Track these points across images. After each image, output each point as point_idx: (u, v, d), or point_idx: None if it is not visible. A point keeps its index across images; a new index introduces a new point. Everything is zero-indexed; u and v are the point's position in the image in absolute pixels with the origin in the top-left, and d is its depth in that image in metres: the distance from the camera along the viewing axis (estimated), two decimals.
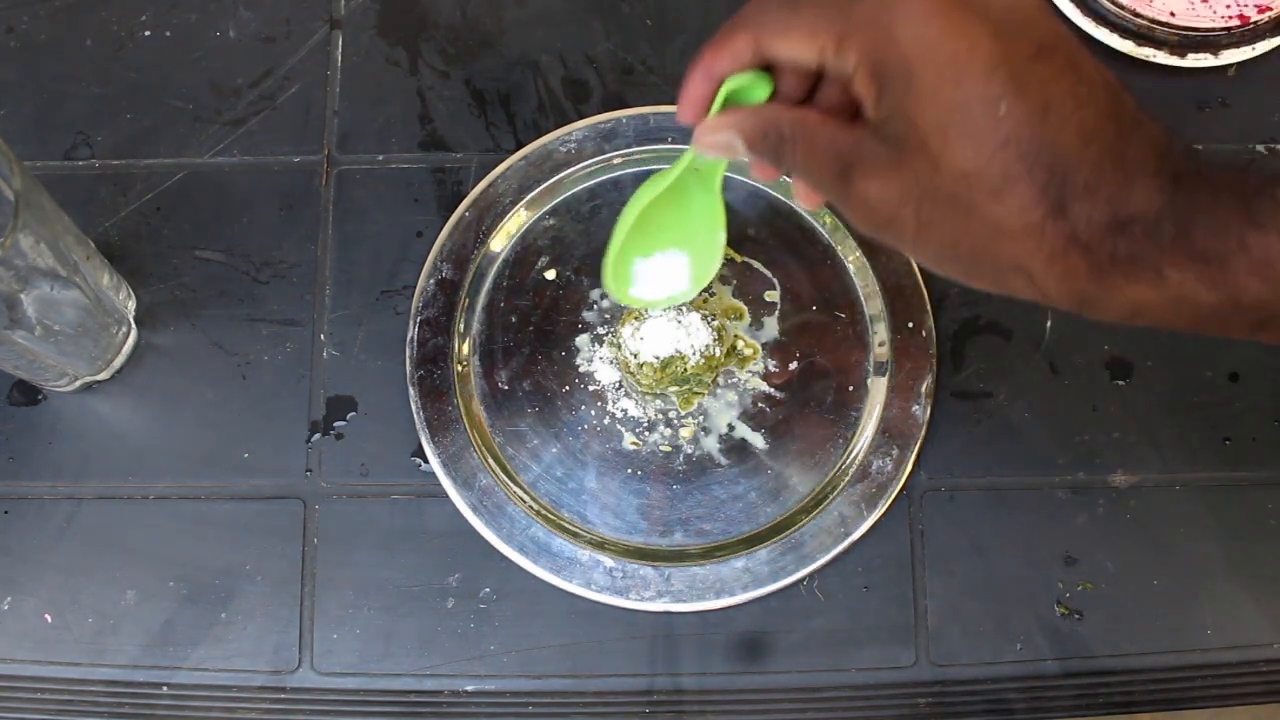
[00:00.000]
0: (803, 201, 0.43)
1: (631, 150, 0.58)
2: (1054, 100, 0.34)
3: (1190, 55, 0.59)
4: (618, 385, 0.56)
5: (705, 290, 0.56)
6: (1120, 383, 0.57)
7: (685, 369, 0.53)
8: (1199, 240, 0.33)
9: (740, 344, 0.56)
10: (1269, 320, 0.34)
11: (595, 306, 0.57)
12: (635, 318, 0.54)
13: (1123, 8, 0.59)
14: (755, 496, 0.55)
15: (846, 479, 0.55)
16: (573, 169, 0.58)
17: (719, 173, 0.46)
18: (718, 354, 0.54)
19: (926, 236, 0.36)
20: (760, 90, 0.39)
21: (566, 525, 0.54)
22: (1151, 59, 0.59)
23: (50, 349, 0.50)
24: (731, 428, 0.55)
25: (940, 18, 0.34)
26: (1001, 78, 0.33)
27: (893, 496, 0.54)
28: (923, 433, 0.55)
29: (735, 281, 0.57)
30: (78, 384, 0.55)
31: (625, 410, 0.56)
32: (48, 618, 0.53)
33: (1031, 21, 0.35)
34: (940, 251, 0.36)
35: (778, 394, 0.56)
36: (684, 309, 0.53)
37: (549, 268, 0.58)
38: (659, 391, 0.55)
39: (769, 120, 0.39)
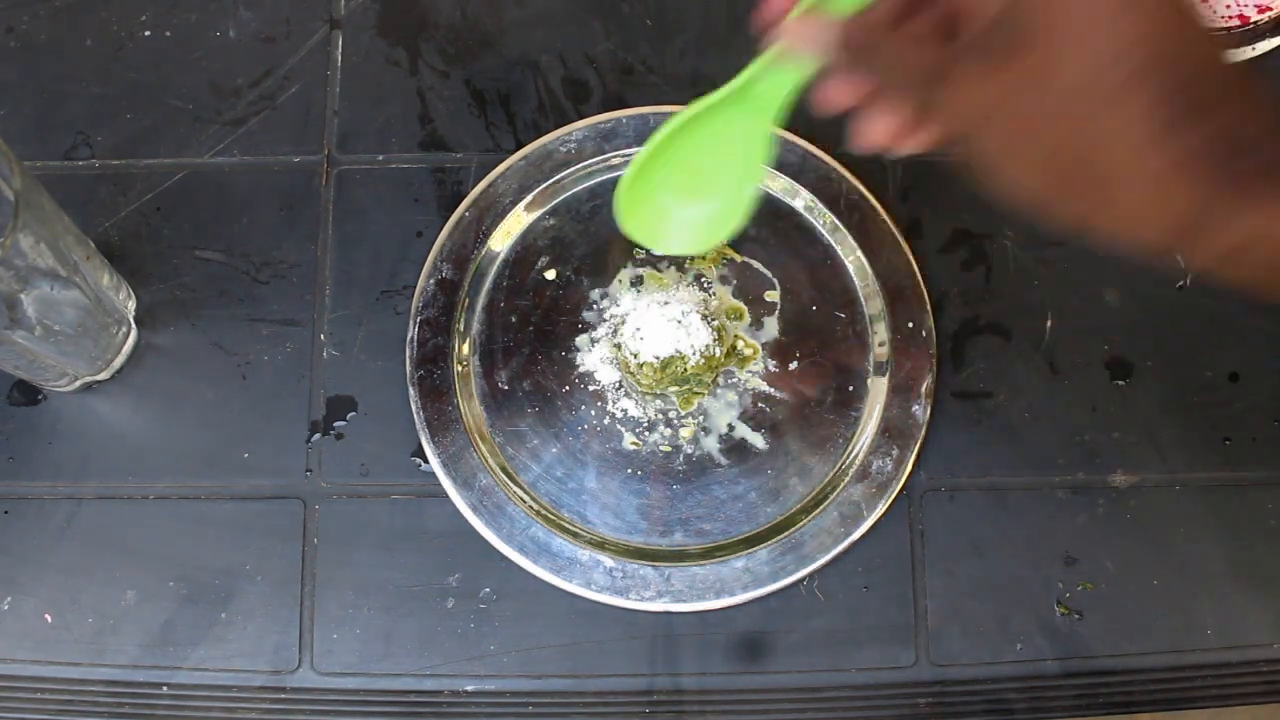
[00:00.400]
0: (862, 141, 0.38)
1: (631, 150, 0.58)
2: (1187, 6, 0.31)
3: None
4: (618, 385, 0.56)
5: (705, 290, 0.57)
6: (1120, 383, 0.56)
7: (685, 369, 0.53)
8: None
9: (740, 344, 0.56)
10: None
11: (595, 306, 0.57)
12: (635, 322, 0.54)
13: None
14: (755, 496, 0.55)
15: (846, 479, 0.55)
16: (573, 169, 0.58)
17: (779, 98, 0.40)
18: (718, 354, 0.54)
19: (1019, 147, 0.33)
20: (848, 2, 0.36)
21: (566, 525, 0.54)
22: None
23: (50, 349, 0.50)
24: (731, 428, 0.55)
25: None
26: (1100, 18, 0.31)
27: (893, 496, 0.54)
28: (923, 433, 0.55)
29: (735, 281, 0.57)
30: (78, 384, 0.55)
31: (625, 410, 0.56)
32: (48, 618, 0.53)
33: None
34: (1030, 164, 0.33)
35: (778, 394, 0.56)
36: (684, 310, 0.53)
37: (549, 268, 0.58)
38: (659, 391, 0.55)
39: (859, 27, 0.36)
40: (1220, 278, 0.33)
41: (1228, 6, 0.60)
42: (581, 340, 0.56)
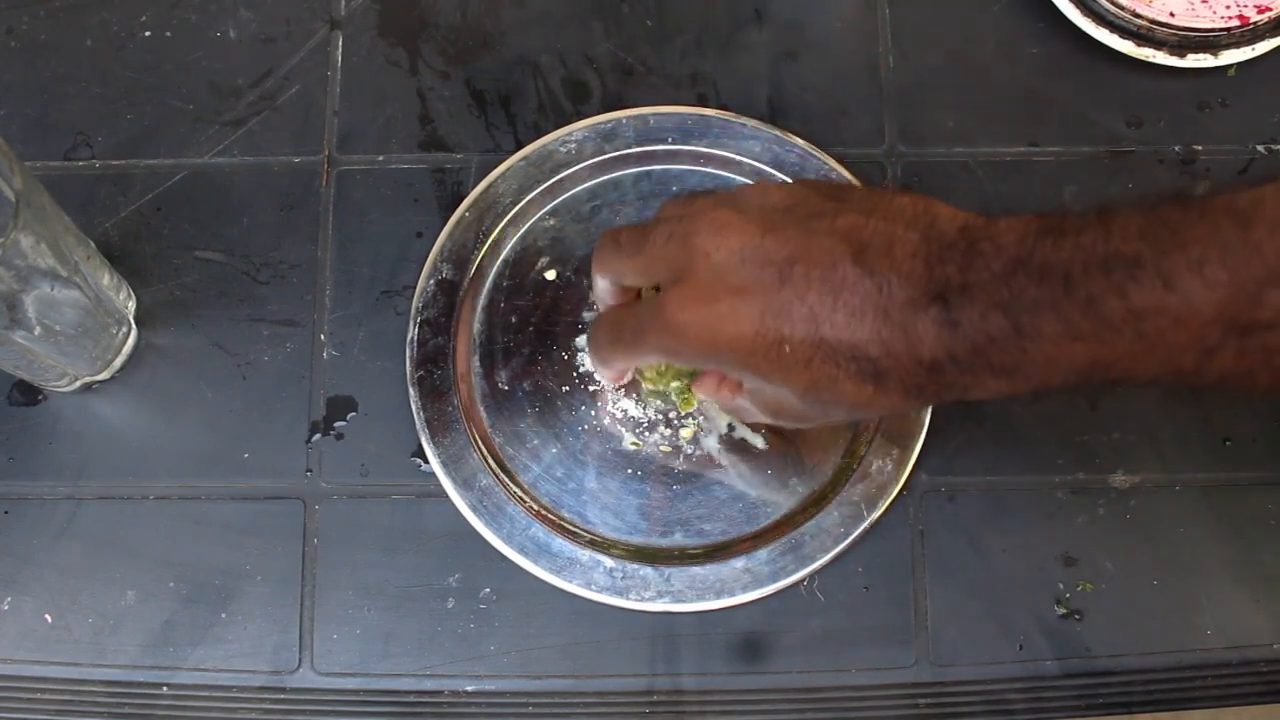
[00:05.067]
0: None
1: (631, 150, 0.58)
2: (820, 314, 0.40)
3: (1190, 55, 0.60)
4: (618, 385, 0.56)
5: None
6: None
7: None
8: (995, 358, 0.38)
9: None
10: (1103, 382, 0.38)
11: (595, 306, 0.57)
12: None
13: (1122, 8, 0.59)
14: (755, 496, 0.55)
15: (846, 479, 0.54)
16: (573, 169, 0.58)
17: None
18: None
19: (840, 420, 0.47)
20: None
21: (566, 525, 0.54)
22: (1151, 59, 0.60)
23: (50, 349, 0.50)
24: (731, 428, 0.55)
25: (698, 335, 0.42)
26: (774, 349, 0.40)
27: (893, 496, 0.54)
28: (923, 433, 0.55)
29: None
30: (78, 384, 0.55)
31: (625, 410, 0.56)
32: (48, 618, 0.53)
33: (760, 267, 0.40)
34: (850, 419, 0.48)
35: None
36: None
37: (549, 268, 0.58)
38: (661, 389, 0.55)
39: None
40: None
41: (1227, 7, 0.60)
42: (581, 340, 0.56)
